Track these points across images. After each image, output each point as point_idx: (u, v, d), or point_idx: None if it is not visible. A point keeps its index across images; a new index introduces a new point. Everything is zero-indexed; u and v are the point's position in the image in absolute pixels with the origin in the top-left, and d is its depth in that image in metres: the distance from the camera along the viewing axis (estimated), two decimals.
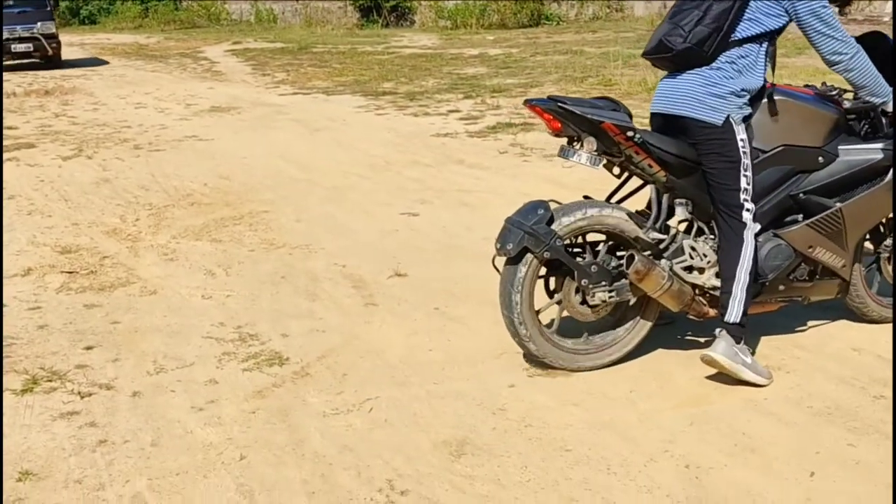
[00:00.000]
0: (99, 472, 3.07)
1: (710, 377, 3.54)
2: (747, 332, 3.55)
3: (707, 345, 3.54)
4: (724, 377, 3.49)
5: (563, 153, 3.62)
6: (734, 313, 3.50)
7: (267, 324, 4.35)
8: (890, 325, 3.97)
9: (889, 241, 4.01)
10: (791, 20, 3.52)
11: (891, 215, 3.97)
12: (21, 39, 17.51)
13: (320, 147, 8.87)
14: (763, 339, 3.86)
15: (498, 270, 3.65)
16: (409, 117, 10.26)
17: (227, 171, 7.86)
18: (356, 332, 4.23)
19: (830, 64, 3.58)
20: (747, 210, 3.51)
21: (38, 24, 17.76)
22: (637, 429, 3.22)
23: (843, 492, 2.79)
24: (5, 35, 17.14)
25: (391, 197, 6.78)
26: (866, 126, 3.83)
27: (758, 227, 3.57)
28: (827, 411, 3.28)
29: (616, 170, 3.73)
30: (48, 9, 18.55)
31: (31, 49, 17.60)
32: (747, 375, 3.45)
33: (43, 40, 17.63)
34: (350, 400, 3.54)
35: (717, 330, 3.52)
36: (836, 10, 4.10)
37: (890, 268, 4.02)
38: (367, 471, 3.02)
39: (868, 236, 3.97)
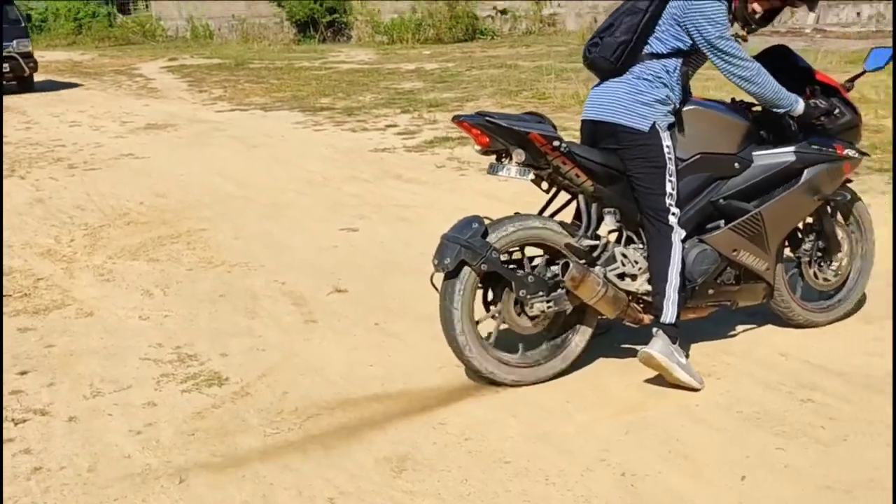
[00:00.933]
0: (34, 501, 3.02)
1: (646, 382, 3.62)
2: (682, 334, 3.65)
3: None
4: (658, 384, 3.58)
5: (493, 169, 3.68)
6: (669, 313, 3.60)
7: (206, 343, 4.33)
8: (816, 329, 4.11)
9: (808, 246, 4.14)
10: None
11: (808, 219, 4.11)
12: None
13: (258, 163, 8.84)
14: (693, 346, 3.95)
15: (436, 288, 3.67)
16: (347, 133, 10.27)
17: (163, 189, 7.79)
18: (296, 350, 4.24)
19: (736, 83, 3.71)
20: (673, 214, 3.62)
21: (14, 42, 16.34)
22: (574, 439, 3.28)
23: (772, 496, 2.87)
24: None
25: (329, 213, 6.79)
26: (777, 131, 3.96)
27: (683, 232, 3.67)
28: (756, 416, 3.37)
29: (544, 185, 3.80)
30: (22, 25, 17.25)
31: (7, 69, 15.96)
32: (681, 375, 3.54)
33: (20, 60, 16.21)
34: (290, 419, 3.55)
35: (654, 329, 3.61)
36: (746, 33, 4.29)
37: (811, 271, 4.15)
38: (309, 489, 3.03)
39: (787, 243, 4.10)
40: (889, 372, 3.65)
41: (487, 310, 3.78)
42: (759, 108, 3.96)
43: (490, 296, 3.77)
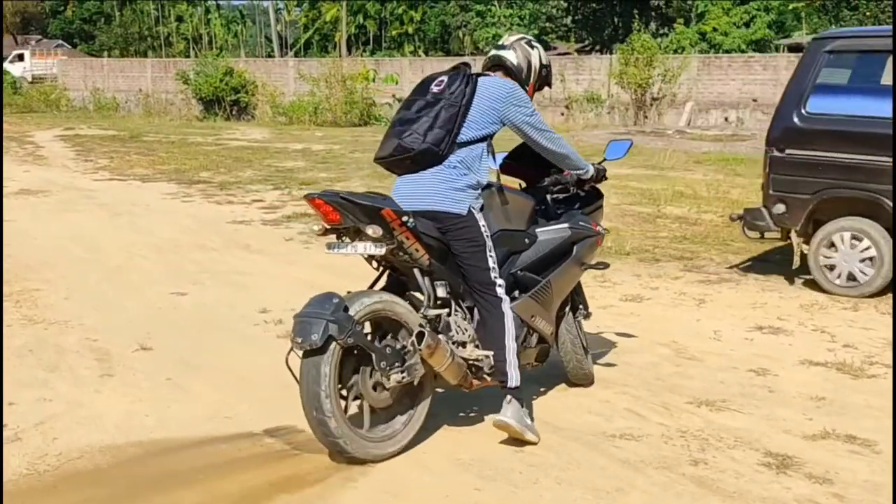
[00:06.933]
0: None
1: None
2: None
3: None
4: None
5: (334, 248, 3.74)
6: (514, 377, 3.84)
7: None
8: (561, 390, 4.49)
9: (581, 308, 4.57)
10: (504, 125, 4.01)
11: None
12: None
13: (115, 230, 9.05)
14: (442, 405, 4.26)
15: (292, 371, 3.58)
16: (213, 205, 10.56)
17: (12, 251, 7.90)
18: (83, 401, 4.41)
19: (545, 151, 4.11)
20: (500, 286, 3.90)
21: None
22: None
23: None
24: None
25: (167, 277, 7.01)
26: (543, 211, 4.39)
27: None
28: (470, 462, 3.70)
29: (374, 262, 3.95)
30: None
31: None
32: (529, 437, 3.82)
33: None
34: (51, 461, 3.73)
35: (507, 398, 3.83)
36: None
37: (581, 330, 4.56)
38: None
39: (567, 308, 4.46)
40: (604, 432, 4.06)
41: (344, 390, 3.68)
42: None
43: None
